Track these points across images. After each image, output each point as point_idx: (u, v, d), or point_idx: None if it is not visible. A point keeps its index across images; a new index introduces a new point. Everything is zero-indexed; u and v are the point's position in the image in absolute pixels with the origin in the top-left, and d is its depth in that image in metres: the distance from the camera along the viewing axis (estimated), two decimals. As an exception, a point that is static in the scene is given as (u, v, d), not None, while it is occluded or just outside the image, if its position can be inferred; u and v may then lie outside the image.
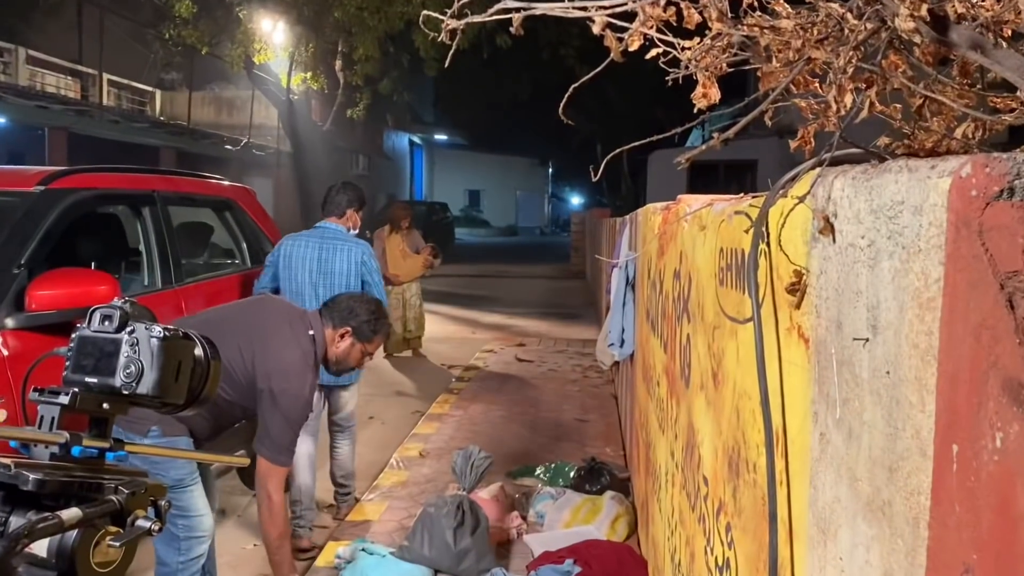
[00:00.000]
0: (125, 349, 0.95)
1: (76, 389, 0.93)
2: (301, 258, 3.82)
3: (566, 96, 1.19)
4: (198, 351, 1.01)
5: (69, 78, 15.12)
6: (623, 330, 3.95)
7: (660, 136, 1.26)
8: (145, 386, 0.94)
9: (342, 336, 2.83)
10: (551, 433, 5.44)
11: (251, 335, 2.64)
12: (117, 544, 0.85)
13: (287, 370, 2.61)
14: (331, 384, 3.88)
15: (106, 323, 0.97)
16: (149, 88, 18.57)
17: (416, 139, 36.99)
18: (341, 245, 3.84)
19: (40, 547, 0.82)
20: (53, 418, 0.91)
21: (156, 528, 0.90)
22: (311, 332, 2.75)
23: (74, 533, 0.83)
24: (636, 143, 1.27)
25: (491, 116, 33.70)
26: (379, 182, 29.01)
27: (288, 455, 2.65)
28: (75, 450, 0.89)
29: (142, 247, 3.78)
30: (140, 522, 0.89)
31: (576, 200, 53.46)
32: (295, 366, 2.64)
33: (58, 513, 0.81)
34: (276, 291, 3.86)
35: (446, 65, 1.54)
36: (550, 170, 48.08)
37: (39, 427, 0.91)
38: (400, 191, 33.53)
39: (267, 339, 2.64)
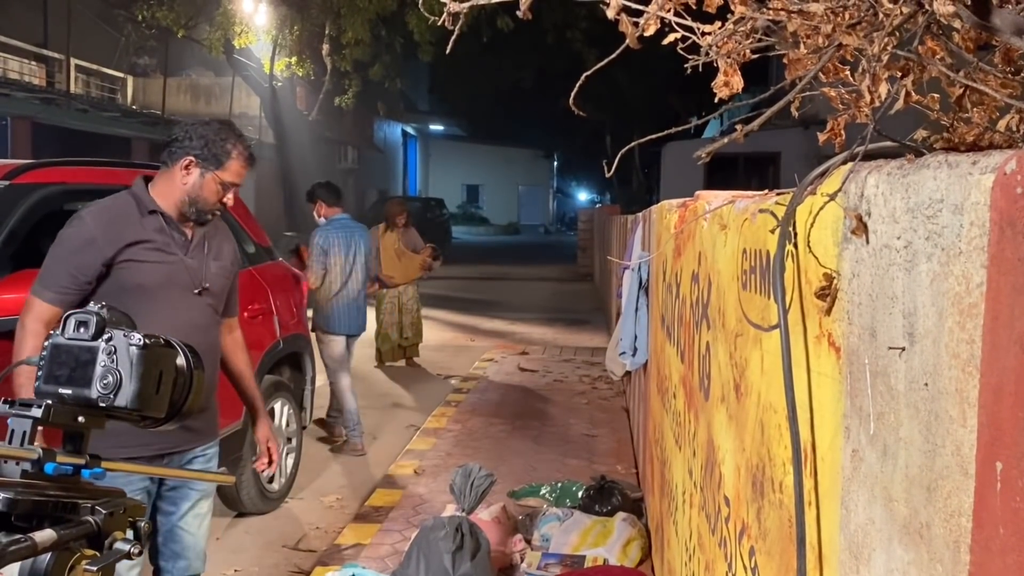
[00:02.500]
0: (102, 358, 0.95)
1: (49, 401, 0.93)
2: (347, 243, 5.66)
3: (577, 85, 1.20)
4: (180, 360, 1.02)
5: (33, 63, 15.16)
6: (635, 337, 3.95)
7: (678, 129, 1.27)
8: (124, 398, 0.95)
9: (186, 169, 2.50)
10: (557, 449, 5.45)
11: None
12: (94, 568, 0.86)
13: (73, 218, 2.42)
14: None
15: (81, 330, 0.98)
16: (120, 74, 18.61)
17: (410, 129, 37.04)
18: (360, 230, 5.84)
19: (12, 571, 0.82)
20: (25, 432, 0.91)
21: (136, 551, 0.90)
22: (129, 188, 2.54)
23: (48, 556, 0.83)
24: (652, 136, 1.28)
25: (491, 104, 33.74)
26: (369, 176, 29.06)
27: (39, 286, 2.36)
28: (48, 467, 0.89)
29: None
30: (118, 545, 0.89)
31: (583, 196, 53.49)
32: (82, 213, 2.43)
33: (31, 535, 0.82)
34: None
35: (446, 51, 1.55)
36: (555, 163, 48.09)
37: (9, 442, 0.91)
38: (392, 186, 33.57)
39: None
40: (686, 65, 1.25)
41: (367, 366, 8.26)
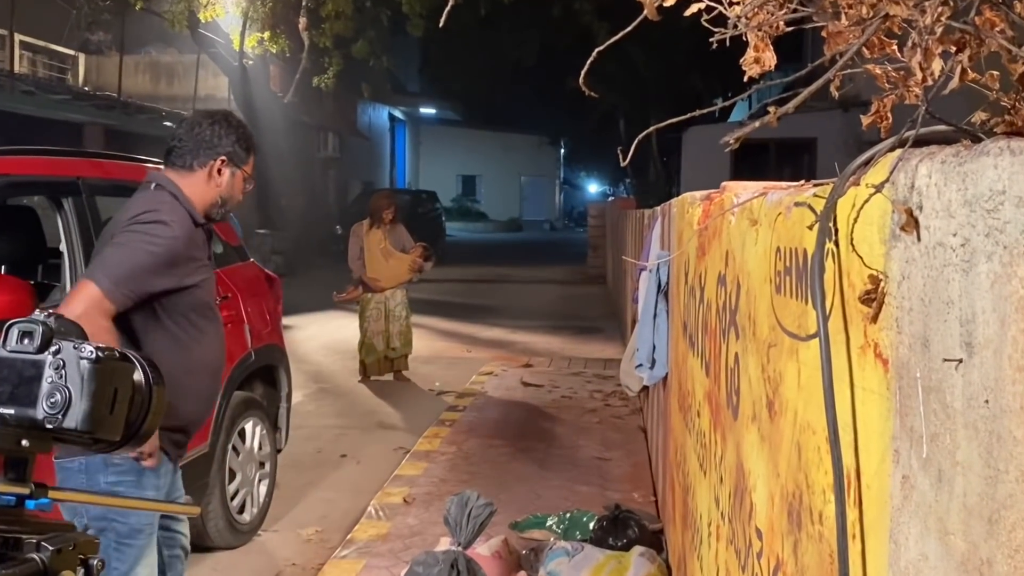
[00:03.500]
0: (49, 373, 0.95)
1: (-12, 423, 0.93)
2: None
3: (587, 64, 1.19)
4: (137, 375, 1.02)
5: (-28, 40, 15.22)
6: (654, 348, 3.95)
7: (702, 112, 1.26)
8: (73, 418, 0.94)
9: (219, 170, 2.68)
10: (565, 475, 5.44)
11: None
12: (39, 613, 0.85)
13: (131, 211, 2.58)
14: None
15: (25, 341, 0.97)
16: (71, 52, 18.66)
17: (398, 113, 37.08)
18: None
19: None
20: (-39, 458, 0.91)
21: (88, 593, 0.90)
22: (152, 185, 2.67)
23: (-13, 600, 0.83)
24: (672, 120, 1.27)
25: (489, 85, 33.80)
26: (352, 166, 29.09)
27: (115, 287, 2.44)
28: (-13, 498, 0.89)
29: (64, 247, 3.79)
30: (68, 585, 0.89)
31: (594, 187, 53.60)
32: (143, 205, 2.58)
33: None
34: None
35: (439, 25, 1.54)
36: (562, 151, 48.21)
37: (-57, 469, 0.91)
38: (378, 176, 33.61)
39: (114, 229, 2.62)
40: (711, 40, 1.25)
41: (349, 380, 8.27)
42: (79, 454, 2.47)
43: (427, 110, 39.92)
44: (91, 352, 0.96)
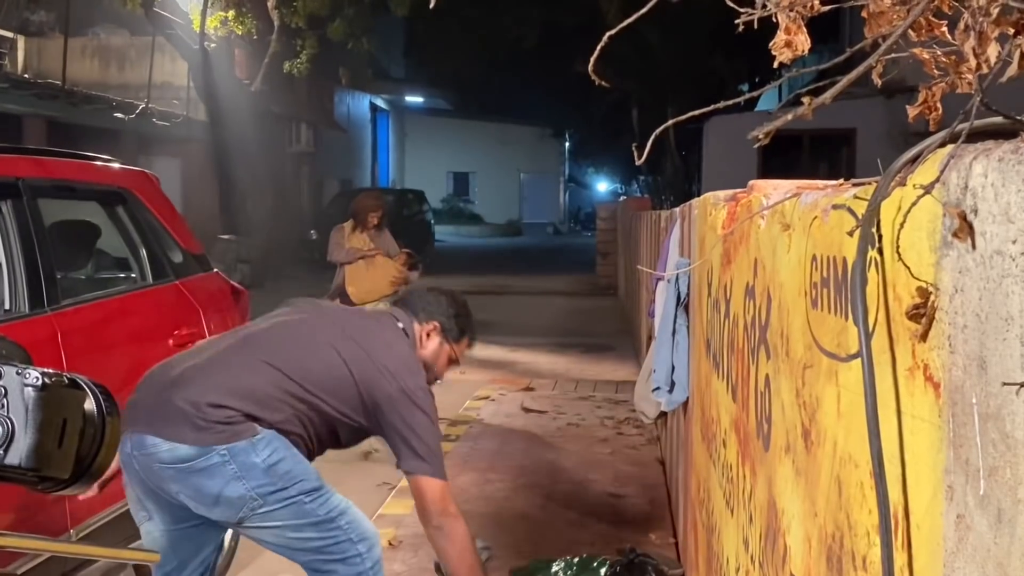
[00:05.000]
0: (-11, 403, 0.95)
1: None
2: None
3: (598, 48, 1.20)
4: (89, 404, 1.01)
5: None
6: (673, 369, 3.95)
7: (726, 104, 1.27)
8: (17, 454, 0.94)
9: (428, 334, 3.24)
10: (574, 513, 5.43)
11: (343, 333, 3.02)
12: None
13: (409, 363, 3.05)
14: None
15: (-37, 367, 0.97)
16: (8, 34, 18.70)
17: (380, 102, 37.17)
18: None
19: None
20: None
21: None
22: (400, 325, 3.19)
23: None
24: (693, 112, 1.28)
25: (484, 70, 33.85)
26: (329, 162, 29.13)
27: (443, 464, 3.10)
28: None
29: (1, 256, 3.79)
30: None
31: (603, 185, 53.62)
32: (412, 359, 3.10)
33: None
34: None
35: (428, 1, 1.55)
36: (567, 144, 48.20)
37: None
38: (358, 174, 33.66)
39: (367, 334, 3.06)
40: (737, 21, 1.26)
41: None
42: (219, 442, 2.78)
43: (413, 98, 40.01)
44: (36, 378, 0.96)
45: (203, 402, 2.78)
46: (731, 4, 1.25)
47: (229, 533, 3.72)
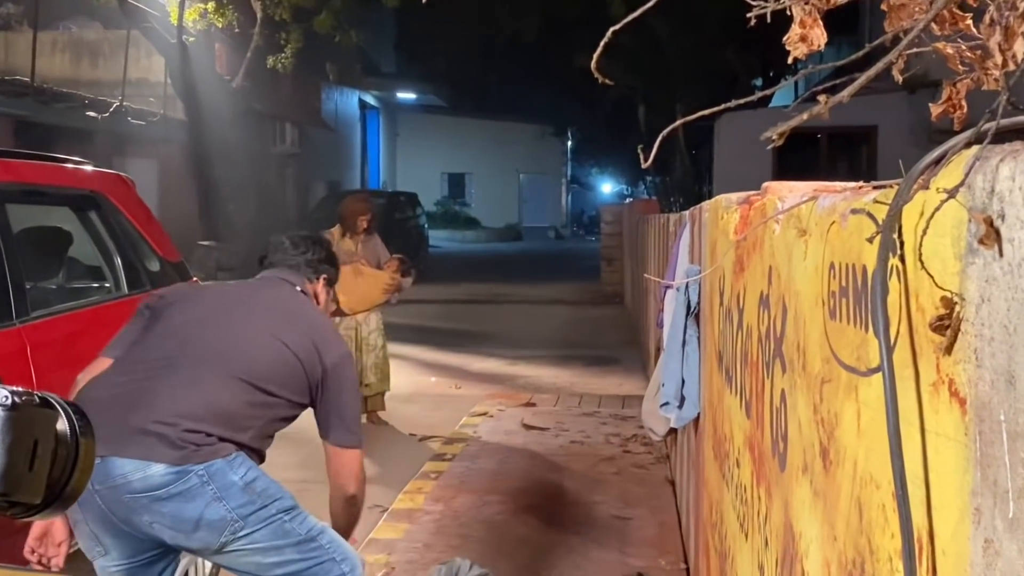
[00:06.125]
0: (-47, 423, 0.95)
1: None
2: None
3: (602, 43, 1.21)
4: (61, 424, 1.02)
5: None
6: (683, 383, 3.95)
7: (738, 103, 1.28)
8: (-16, 478, 0.94)
9: (320, 289, 3.49)
10: (577, 537, 5.43)
11: (270, 318, 3.16)
12: None
13: (328, 329, 3.28)
14: None
15: (-74, 386, 0.97)
16: (-27, 28, 18.69)
17: (370, 99, 37.22)
18: None
19: None
20: None
21: None
22: (299, 288, 3.37)
23: None
24: (704, 112, 1.29)
25: (480, 65, 33.92)
26: (315, 163, 29.16)
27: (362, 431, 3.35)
28: None
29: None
30: None
31: (607, 187, 53.62)
32: (328, 322, 3.39)
33: None
34: None
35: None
36: (569, 143, 48.24)
37: None
38: (347, 176, 33.69)
39: (288, 312, 3.23)
40: (750, 15, 1.27)
41: (313, 424, 8.22)
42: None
43: (405, 95, 40.00)
44: (5, 397, 0.97)
45: (179, 423, 2.80)
46: (742, -4, 1.25)
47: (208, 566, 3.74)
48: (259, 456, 3.12)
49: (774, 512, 2.15)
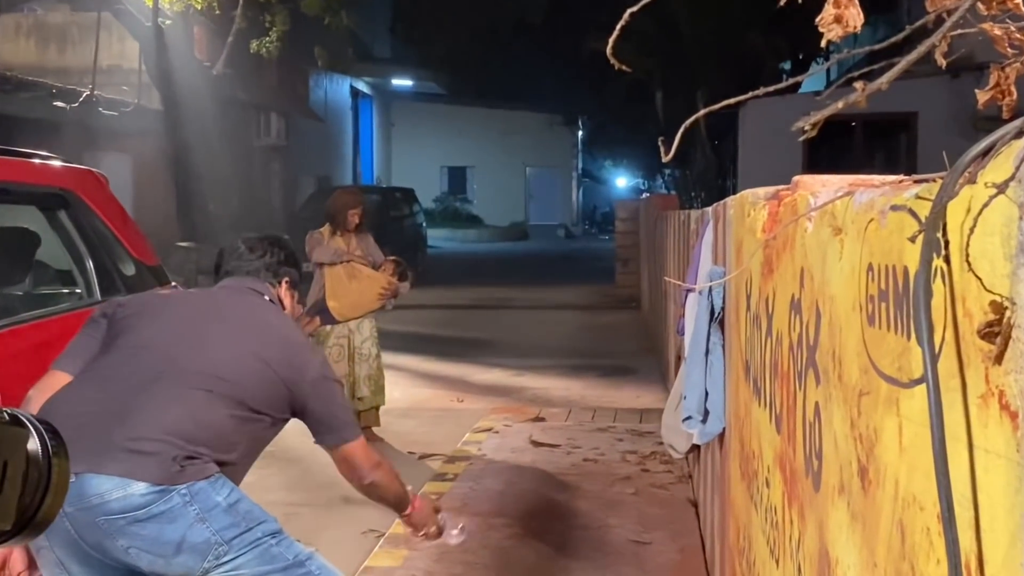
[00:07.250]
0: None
1: None
2: None
3: (618, 27, 1.21)
4: (32, 444, 1.02)
5: None
6: (706, 395, 3.94)
7: (766, 90, 1.28)
8: (-52, 504, 0.95)
9: (284, 294, 3.62)
10: (591, 564, 5.43)
11: (244, 333, 3.28)
12: None
13: (301, 338, 3.45)
14: None
15: None
16: (-69, 11, 18.73)
17: (362, 87, 37.26)
18: None
19: None
20: None
21: None
22: (267, 297, 3.50)
23: None
24: (727, 101, 1.29)
25: (483, 49, 33.94)
26: (303, 156, 29.19)
27: (356, 420, 3.65)
28: None
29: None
30: None
31: (622, 181, 53.63)
32: (299, 330, 3.54)
33: None
34: None
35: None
36: (580, 133, 48.26)
37: None
38: (338, 170, 33.72)
39: (262, 325, 3.34)
40: (778, -6, 1.27)
41: (303, 441, 8.22)
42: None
43: (401, 82, 40.04)
44: (-29, 414, 0.97)
45: (168, 439, 2.83)
46: (771, -26, 1.26)
47: None
48: (239, 477, 3.17)
49: (808, 536, 2.15)
